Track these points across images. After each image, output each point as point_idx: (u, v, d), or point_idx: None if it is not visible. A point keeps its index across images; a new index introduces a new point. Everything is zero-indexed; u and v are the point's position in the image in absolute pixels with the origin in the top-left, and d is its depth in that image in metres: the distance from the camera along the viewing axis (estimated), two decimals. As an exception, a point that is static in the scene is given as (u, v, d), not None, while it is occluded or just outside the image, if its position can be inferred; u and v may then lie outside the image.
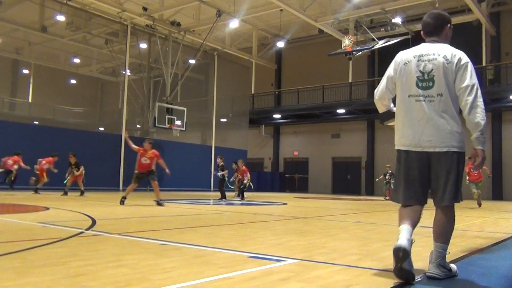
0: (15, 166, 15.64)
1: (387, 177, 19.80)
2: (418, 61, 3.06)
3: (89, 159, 20.09)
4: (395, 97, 3.27)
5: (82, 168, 14.98)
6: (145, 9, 21.73)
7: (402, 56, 3.20)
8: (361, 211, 10.74)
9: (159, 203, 10.39)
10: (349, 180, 28.59)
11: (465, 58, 2.98)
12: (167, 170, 11.03)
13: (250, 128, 30.06)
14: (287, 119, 30.41)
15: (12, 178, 15.93)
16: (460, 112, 3.00)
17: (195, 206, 10.97)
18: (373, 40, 20.59)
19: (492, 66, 23.50)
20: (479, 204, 13.88)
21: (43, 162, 15.09)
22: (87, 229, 5.18)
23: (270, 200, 15.54)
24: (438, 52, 3.01)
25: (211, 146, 26.61)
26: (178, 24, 23.13)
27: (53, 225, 5.56)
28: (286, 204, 13.15)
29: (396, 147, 3.15)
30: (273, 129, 32.36)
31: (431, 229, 3.10)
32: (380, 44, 19.43)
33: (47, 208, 8.39)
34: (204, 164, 25.94)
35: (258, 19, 26.84)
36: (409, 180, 3.05)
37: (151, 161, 10.96)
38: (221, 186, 15.13)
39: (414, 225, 3.03)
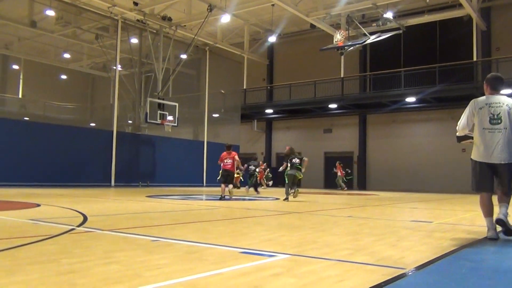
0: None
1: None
2: (489, 107, 4.72)
3: (80, 155, 20.03)
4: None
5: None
6: (135, 3, 21.55)
7: (477, 103, 4.81)
8: (353, 205, 10.79)
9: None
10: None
11: None
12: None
13: (243, 123, 30.02)
14: (279, 114, 30.41)
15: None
16: None
17: (187, 201, 10.95)
18: (365, 35, 20.63)
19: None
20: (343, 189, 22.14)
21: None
22: (78, 226, 5.15)
23: (263, 195, 15.56)
24: (502, 102, 4.71)
25: (203, 142, 26.57)
26: (169, 19, 22.99)
27: (44, 222, 5.52)
28: (279, 199, 13.16)
29: (474, 159, 4.79)
30: (266, 124, 32.35)
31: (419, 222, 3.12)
32: (372, 39, 19.49)
33: (38, 205, 8.33)
34: (197, 160, 25.91)
35: (250, 13, 26.75)
36: (482, 179, 4.76)
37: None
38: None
39: (492, 213, 4.75)
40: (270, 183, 24.70)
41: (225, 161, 12.30)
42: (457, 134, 5.12)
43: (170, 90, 26.59)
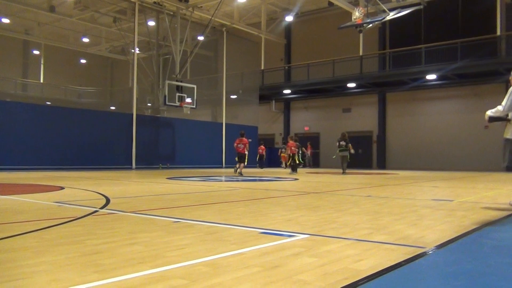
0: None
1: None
2: None
3: (101, 138, 20.34)
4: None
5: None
6: (152, -15, 21.53)
7: None
8: (372, 185, 10.75)
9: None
10: (361, 154, 28.51)
11: None
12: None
13: (261, 104, 29.97)
14: (298, 94, 30.24)
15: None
16: None
17: (206, 183, 11.06)
18: (384, 11, 20.19)
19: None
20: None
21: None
22: (101, 208, 5.27)
23: (282, 176, 15.62)
24: None
25: (222, 123, 26.67)
26: (186, 0, 22.90)
27: (68, 204, 5.66)
28: (298, 179, 13.20)
29: (510, 137, 5.34)
30: (284, 105, 32.23)
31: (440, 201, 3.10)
32: (391, 15, 19.03)
33: (62, 188, 8.52)
34: (216, 141, 26.05)
35: (267, -7, 26.47)
36: None
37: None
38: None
39: None
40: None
41: (238, 145, 16.01)
42: (496, 114, 5.43)
43: (188, 72, 26.67)
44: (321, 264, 2.56)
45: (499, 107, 5.38)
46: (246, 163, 16.40)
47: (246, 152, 16.07)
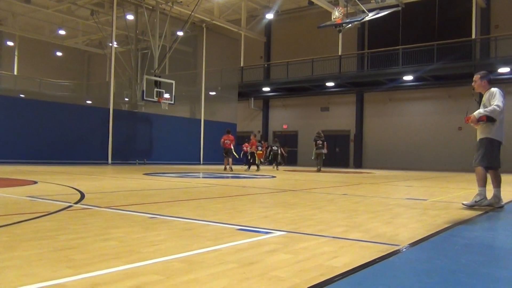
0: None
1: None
2: None
3: (77, 132, 20.00)
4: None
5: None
6: (131, -21, 21.23)
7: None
8: (348, 183, 10.86)
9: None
10: (338, 153, 28.78)
11: None
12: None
13: (240, 101, 29.92)
14: (277, 92, 30.30)
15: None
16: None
17: (184, 179, 10.99)
18: (363, 12, 20.38)
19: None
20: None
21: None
22: (75, 203, 5.18)
23: (259, 174, 15.63)
24: None
25: (200, 119, 26.53)
26: (166, -5, 22.68)
27: (41, 199, 5.55)
28: (275, 177, 13.24)
29: (495, 138, 5.46)
30: (263, 102, 32.26)
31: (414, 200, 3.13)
32: (370, 16, 19.22)
33: (35, 182, 8.35)
34: (194, 137, 25.91)
35: (247, -11, 26.41)
36: (499, 156, 5.52)
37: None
38: None
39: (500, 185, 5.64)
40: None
41: (225, 141, 16.90)
42: (494, 114, 5.44)
43: (167, 68, 26.42)
44: (297, 261, 2.57)
45: (496, 107, 5.32)
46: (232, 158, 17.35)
47: (232, 147, 17.03)
